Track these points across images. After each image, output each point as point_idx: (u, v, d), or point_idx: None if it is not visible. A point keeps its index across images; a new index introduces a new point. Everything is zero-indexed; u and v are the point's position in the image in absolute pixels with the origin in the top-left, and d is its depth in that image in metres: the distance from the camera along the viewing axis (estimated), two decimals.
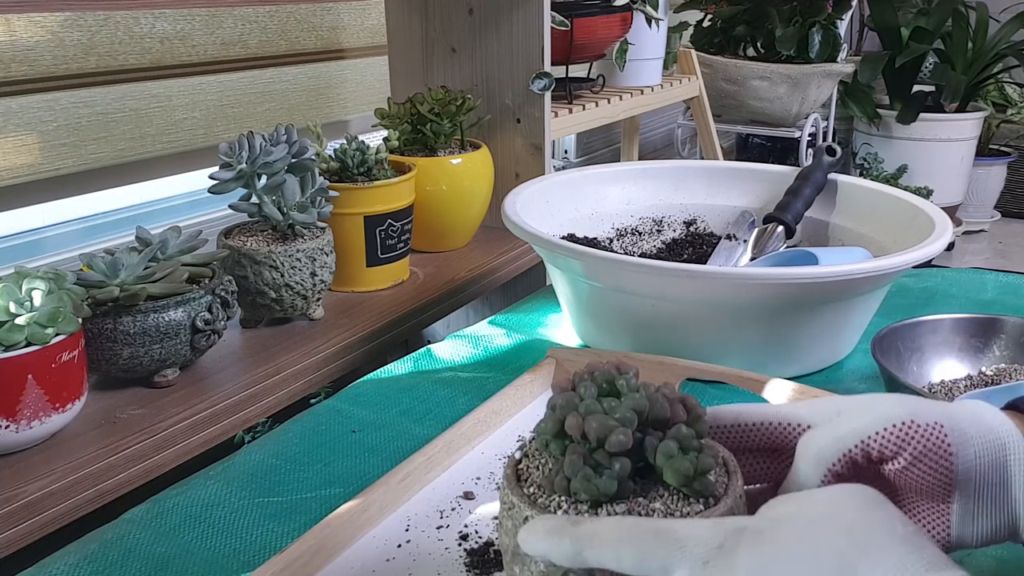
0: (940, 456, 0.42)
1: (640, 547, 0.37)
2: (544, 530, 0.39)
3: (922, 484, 0.43)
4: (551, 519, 0.39)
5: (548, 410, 0.44)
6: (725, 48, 2.50)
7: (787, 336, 0.77)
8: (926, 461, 0.43)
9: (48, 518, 0.69)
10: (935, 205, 0.87)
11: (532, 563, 0.41)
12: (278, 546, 0.57)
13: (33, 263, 1.09)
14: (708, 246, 1.02)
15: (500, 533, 0.45)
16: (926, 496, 0.44)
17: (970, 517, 0.43)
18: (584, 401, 0.43)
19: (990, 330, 0.80)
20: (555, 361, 0.78)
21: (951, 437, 0.42)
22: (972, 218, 3.23)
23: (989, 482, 0.43)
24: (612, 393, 0.44)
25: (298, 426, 0.73)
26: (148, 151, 1.22)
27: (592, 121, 1.54)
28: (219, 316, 0.83)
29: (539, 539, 0.39)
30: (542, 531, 0.39)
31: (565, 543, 0.38)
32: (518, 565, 0.42)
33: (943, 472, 0.43)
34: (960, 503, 0.43)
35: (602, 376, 0.44)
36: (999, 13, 3.11)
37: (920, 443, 0.43)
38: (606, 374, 0.45)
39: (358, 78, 1.54)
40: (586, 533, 0.38)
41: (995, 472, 0.42)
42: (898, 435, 0.43)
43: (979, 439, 0.43)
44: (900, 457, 0.43)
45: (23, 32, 1.05)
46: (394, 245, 1.07)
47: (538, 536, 0.39)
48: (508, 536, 0.43)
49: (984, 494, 0.43)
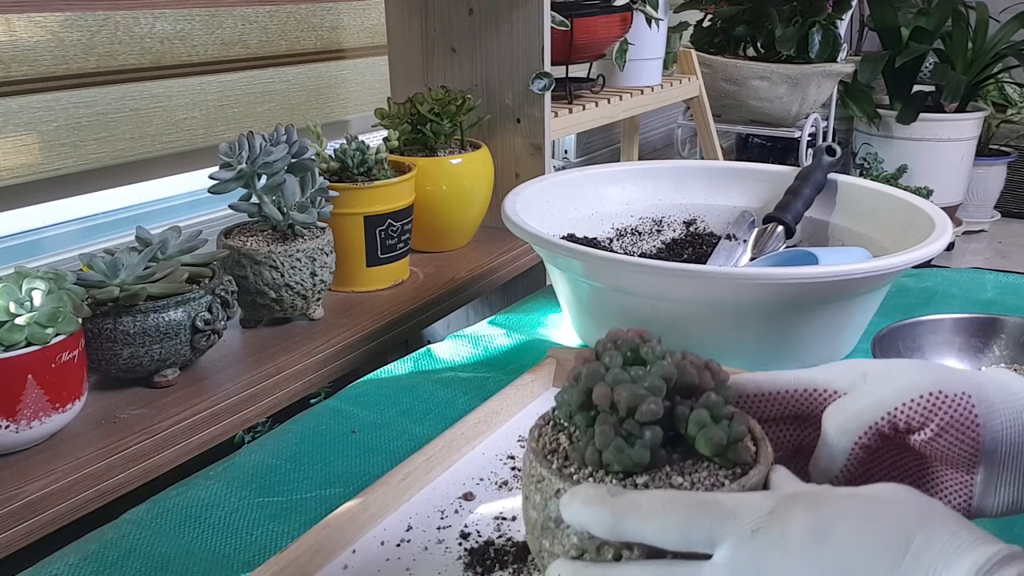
0: (968, 427, 0.42)
1: (685, 518, 0.36)
2: (584, 499, 0.38)
3: (949, 454, 0.43)
4: (591, 488, 0.39)
5: (571, 381, 0.43)
6: (725, 48, 2.49)
7: (787, 336, 0.77)
8: (953, 432, 0.42)
9: (48, 518, 0.69)
10: (935, 205, 0.87)
11: (564, 536, 0.40)
12: (278, 546, 0.57)
13: (33, 263, 1.09)
14: (708, 246, 1.02)
15: (526, 507, 0.44)
16: (952, 466, 0.43)
17: (993, 487, 0.43)
18: (611, 370, 0.41)
19: (990, 330, 0.80)
20: (556, 361, 0.78)
21: (979, 408, 0.42)
22: (972, 218, 3.23)
23: (1014, 452, 0.42)
24: (637, 361, 0.42)
25: (298, 426, 0.73)
26: (148, 151, 1.22)
27: (592, 121, 1.54)
28: (219, 316, 0.83)
29: (580, 508, 0.38)
30: (582, 500, 0.38)
31: (604, 513, 0.37)
32: (548, 539, 0.41)
33: (970, 443, 0.42)
34: (984, 473, 0.43)
35: (626, 344, 0.43)
36: (999, 13, 3.11)
37: (948, 414, 0.42)
38: (630, 342, 0.43)
39: (358, 78, 1.54)
40: (627, 504, 0.37)
41: (1021, 442, 0.42)
42: (925, 406, 0.42)
43: (1006, 409, 0.42)
44: (927, 428, 0.42)
45: (23, 32, 1.05)
46: (394, 245, 1.07)
47: (578, 505, 0.38)
48: (536, 510, 0.42)
49: (1008, 464, 0.42)
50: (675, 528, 0.36)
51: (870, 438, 0.43)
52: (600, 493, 0.38)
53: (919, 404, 0.42)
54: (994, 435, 0.42)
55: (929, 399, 0.42)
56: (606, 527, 0.37)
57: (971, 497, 0.43)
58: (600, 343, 0.44)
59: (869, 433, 0.43)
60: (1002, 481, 0.43)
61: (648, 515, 0.37)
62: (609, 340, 0.44)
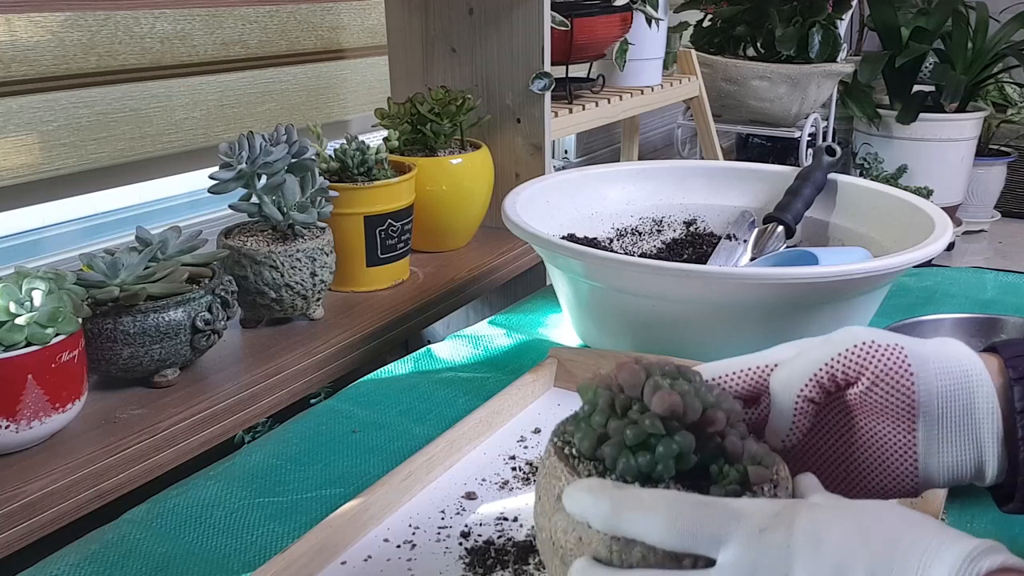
0: (900, 375, 0.43)
1: (690, 516, 0.36)
2: (587, 487, 0.38)
3: (885, 405, 0.44)
4: (595, 480, 0.39)
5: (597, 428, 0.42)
6: (725, 48, 2.49)
7: (787, 336, 0.77)
8: (887, 380, 0.44)
9: (48, 518, 0.68)
10: (935, 205, 0.87)
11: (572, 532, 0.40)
12: (279, 546, 0.57)
13: (33, 263, 1.09)
14: (708, 246, 1.02)
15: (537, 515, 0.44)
16: (890, 418, 0.44)
17: (935, 446, 0.44)
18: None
19: (990, 329, 0.80)
20: (556, 361, 0.78)
21: (911, 358, 0.44)
22: (972, 218, 3.23)
23: (952, 409, 0.43)
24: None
25: (298, 426, 0.73)
26: (148, 151, 1.22)
27: (592, 121, 1.54)
28: (219, 316, 0.83)
29: (582, 495, 0.38)
30: (585, 488, 0.38)
31: (605, 503, 0.37)
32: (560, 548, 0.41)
33: (904, 393, 0.43)
34: (924, 429, 0.44)
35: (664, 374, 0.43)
36: (999, 13, 3.11)
37: (880, 362, 0.44)
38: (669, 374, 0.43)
39: (358, 78, 1.54)
40: (630, 497, 0.37)
41: (959, 398, 0.43)
42: (859, 355, 0.44)
43: (940, 363, 0.44)
44: (863, 378, 0.44)
45: (23, 32, 1.05)
46: (394, 245, 1.07)
47: (581, 493, 0.38)
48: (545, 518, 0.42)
49: (948, 421, 0.43)
50: (678, 526, 0.36)
51: (811, 390, 0.45)
52: (604, 484, 0.38)
53: (853, 353, 0.44)
54: (928, 386, 0.43)
55: (862, 348, 0.44)
56: (604, 517, 0.38)
57: (916, 457, 0.44)
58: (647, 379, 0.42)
59: (810, 384, 0.45)
60: (943, 439, 0.44)
61: (650, 510, 0.37)
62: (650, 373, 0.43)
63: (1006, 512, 0.46)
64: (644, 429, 0.40)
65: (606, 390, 0.43)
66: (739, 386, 0.48)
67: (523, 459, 0.66)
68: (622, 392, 0.42)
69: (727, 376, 0.48)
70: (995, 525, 0.59)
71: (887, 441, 0.45)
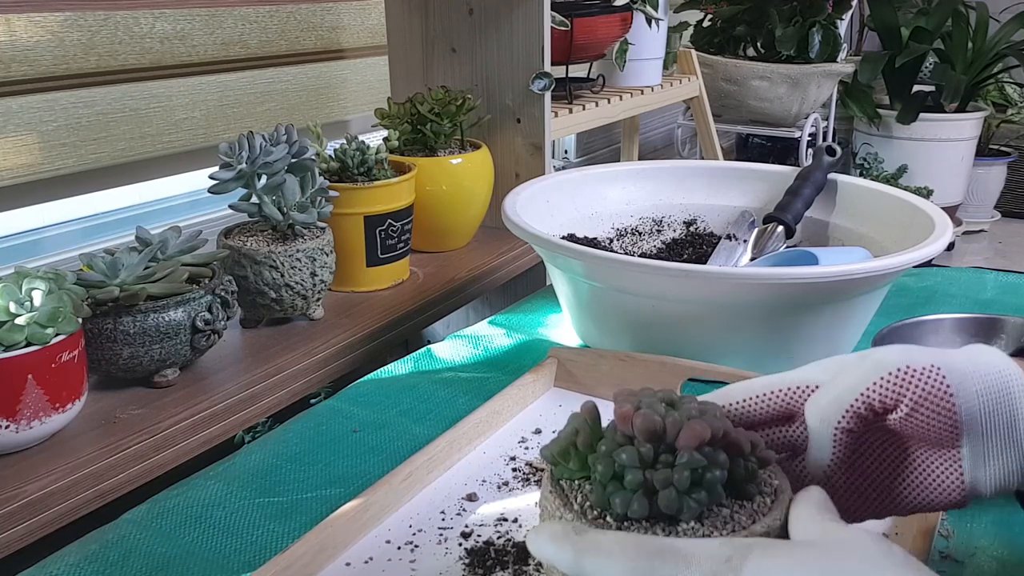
0: (940, 398, 0.42)
1: (643, 562, 0.37)
2: (550, 534, 0.39)
3: (928, 430, 0.43)
4: (557, 525, 0.40)
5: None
6: (725, 48, 2.49)
7: (787, 336, 0.77)
8: (927, 405, 0.42)
9: (48, 518, 0.68)
10: (935, 205, 0.87)
11: None
12: (279, 546, 0.57)
13: (33, 263, 1.09)
14: (708, 246, 1.02)
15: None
16: (935, 443, 0.44)
17: (981, 460, 0.43)
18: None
19: (991, 330, 0.80)
20: (556, 361, 0.78)
21: (949, 378, 0.42)
22: (972, 218, 3.23)
23: (996, 421, 0.42)
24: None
25: (298, 426, 0.73)
26: (148, 151, 1.22)
27: (592, 121, 1.54)
28: (219, 316, 0.83)
29: (545, 543, 0.39)
30: (548, 535, 0.39)
31: (568, 550, 0.38)
32: None
33: (946, 415, 0.42)
34: (969, 446, 0.43)
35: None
36: (999, 13, 3.11)
37: (918, 388, 0.42)
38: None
39: (358, 78, 1.54)
40: (589, 543, 0.38)
41: (1002, 410, 0.42)
42: (895, 382, 0.43)
43: (979, 377, 0.42)
44: (901, 405, 0.43)
45: (23, 32, 1.05)
46: (394, 245, 1.07)
47: (544, 540, 0.39)
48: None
49: (992, 434, 0.42)
50: (632, 571, 0.37)
51: (849, 420, 0.44)
52: (565, 530, 0.39)
53: (888, 381, 0.43)
54: (970, 404, 0.42)
55: (898, 375, 0.43)
56: (568, 564, 0.39)
57: (962, 473, 0.43)
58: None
59: (847, 416, 0.44)
60: (989, 453, 0.43)
61: (607, 555, 0.38)
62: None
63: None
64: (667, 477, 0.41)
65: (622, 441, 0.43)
66: (766, 409, 0.47)
67: (523, 459, 0.66)
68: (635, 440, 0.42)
69: (752, 399, 0.47)
70: (995, 526, 0.58)
71: (932, 461, 0.44)
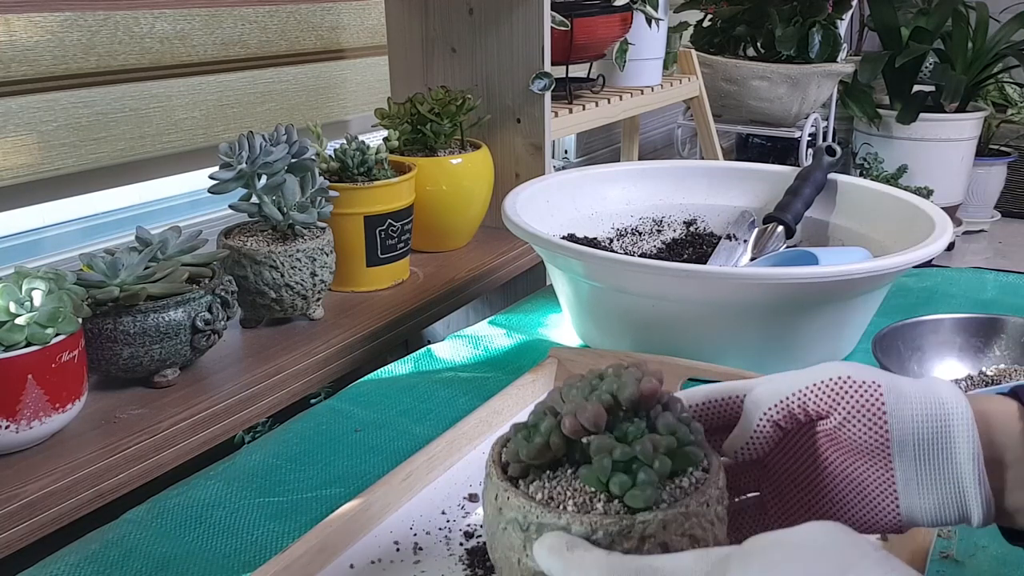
0: (873, 414, 0.43)
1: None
2: (548, 547, 0.41)
3: (858, 442, 0.44)
4: (555, 538, 0.41)
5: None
6: (725, 48, 2.49)
7: (787, 336, 0.77)
8: (859, 418, 0.43)
9: (48, 518, 0.68)
10: (935, 205, 0.87)
11: None
12: (279, 546, 0.57)
13: (33, 263, 1.09)
14: (708, 246, 1.02)
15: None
16: (865, 456, 0.44)
17: (915, 487, 0.43)
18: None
19: (991, 330, 0.80)
20: (557, 361, 0.78)
21: (887, 396, 0.43)
22: (972, 218, 3.23)
23: (931, 451, 0.42)
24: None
25: (298, 426, 0.73)
26: (148, 151, 1.22)
27: (592, 121, 1.54)
28: (219, 316, 0.83)
29: (544, 555, 0.41)
30: (547, 548, 0.41)
31: (558, 566, 0.40)
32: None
33: (876, 431, 0.43)
34: (902, 468, 0.43)
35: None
36: (999, 13, 3.11)
37: (852, 399, 0.43)
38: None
39: (358, 78, 1.54)
40: (575, 561, 0.40)
41: (937, 439, 0.42)
42: (833, 389, 0.44)
43: (919, 403, 0.43)
44: (834, 413, 0.44)
45: (23, 32, 1.05)
46: (394, 245, 1.07)
47: (543, 551, 0.41)
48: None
49: (927, 463, 0.43)
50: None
51: (778, 412, 0.45)
52: (559, 544, 0.40)
53: (827, 386, 0.44)
54: (903, 426, 0.43)
55: (837, 382, 0.44)
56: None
57: (896, 496, 0.44)
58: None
59: (777, 407, 0.45)
60: (923, 483, 0.43)
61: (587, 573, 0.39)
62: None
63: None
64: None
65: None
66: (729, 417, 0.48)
67: None
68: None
69: (715, 403, 0.48)
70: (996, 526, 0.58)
71: (865, 478, 0.45)
